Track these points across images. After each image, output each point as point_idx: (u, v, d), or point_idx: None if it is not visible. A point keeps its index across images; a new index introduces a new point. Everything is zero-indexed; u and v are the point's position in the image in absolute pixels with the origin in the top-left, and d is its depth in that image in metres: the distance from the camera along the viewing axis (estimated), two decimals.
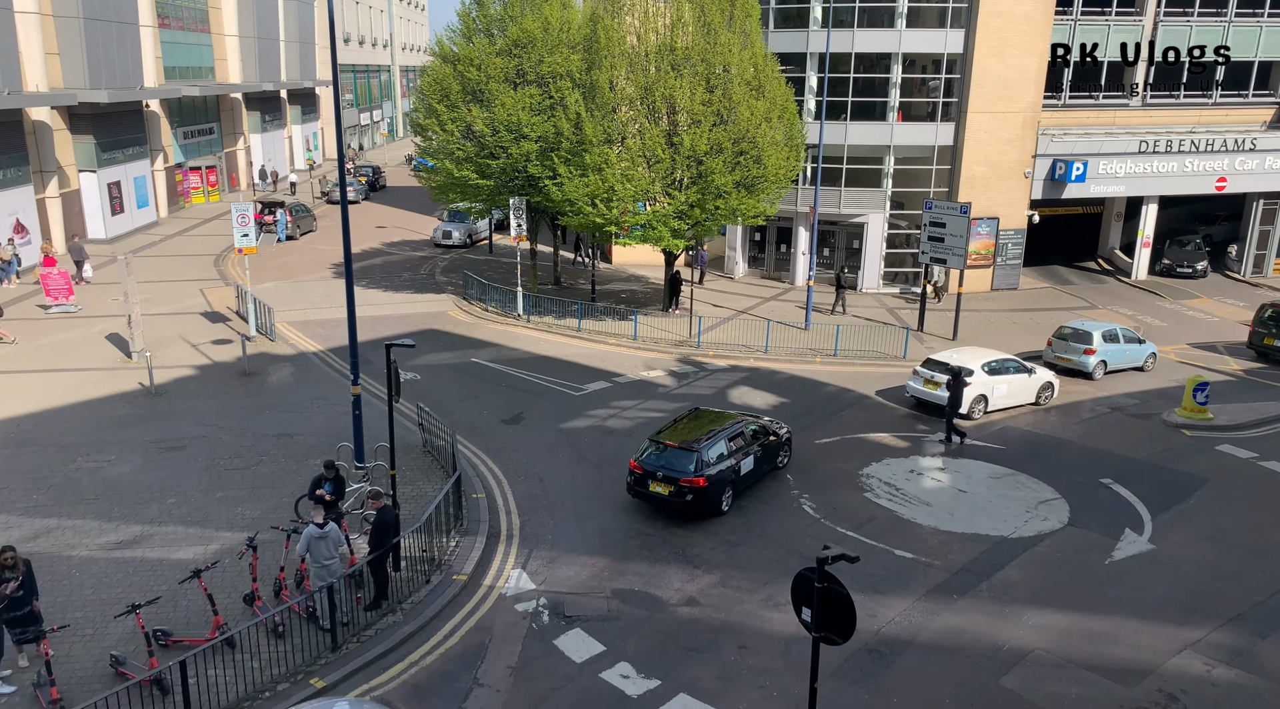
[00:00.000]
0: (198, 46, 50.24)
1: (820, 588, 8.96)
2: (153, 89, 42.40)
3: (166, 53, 46.04)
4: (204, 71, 51.09)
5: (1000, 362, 23.26)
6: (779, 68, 29.81)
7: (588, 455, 20.05)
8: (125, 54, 39.78)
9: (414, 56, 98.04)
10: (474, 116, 29.44)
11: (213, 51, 52.19)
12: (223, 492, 17.52)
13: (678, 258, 31.67)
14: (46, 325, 27.75)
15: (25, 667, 12.26)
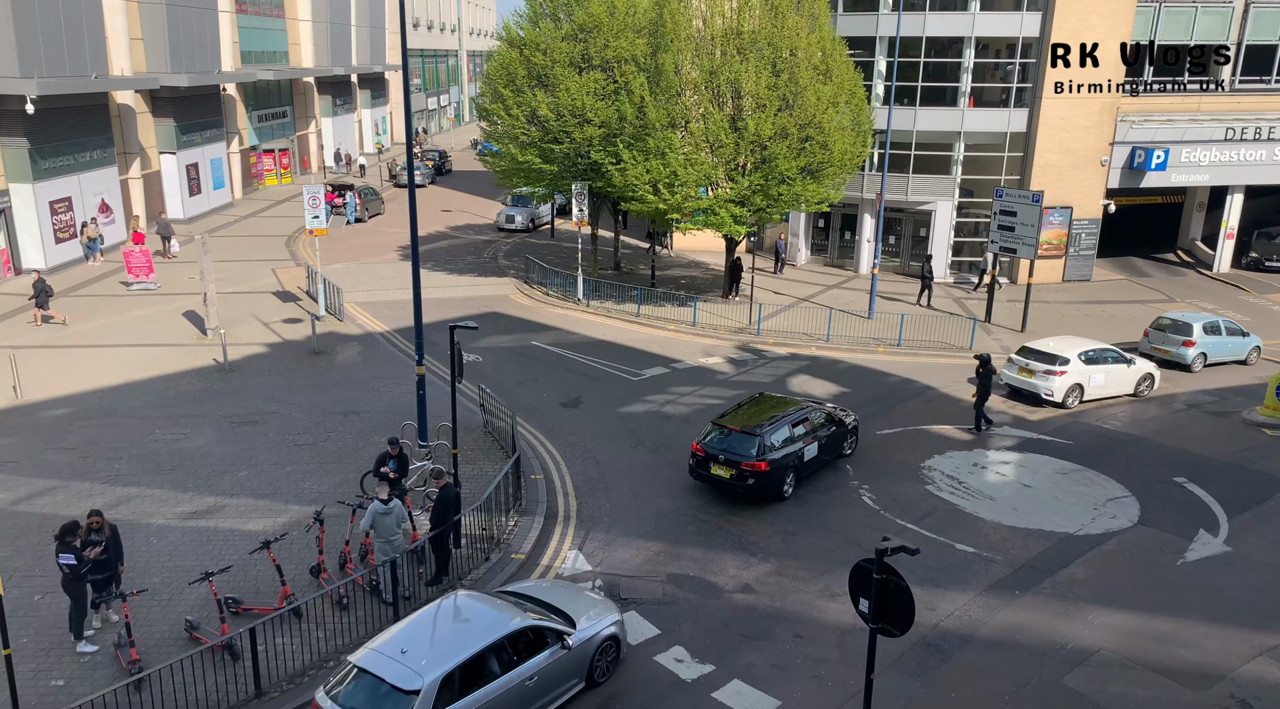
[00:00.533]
0: (272, 31, 51.43)
1: (879, 579, 8.88)
2: (229, 73, 43.58)
3: (243, 37, 47.24)
4: (278, 56, 52.31)
5: (1098, 351, 22.90)
6: (847, 52, 29.32)
7: (645, 440, 20.13)
8: (204, 39, 40.95)
9: (481, 41, 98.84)
10: (539, 101, 29.61)
11: (287, 36, 53.39)
12: (291, 466, 18.05)
13: (739, 244, 31.47)
14: (127, 302, 28.83)
15: (99, 628, 12.81)
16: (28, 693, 11.10)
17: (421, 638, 10.80)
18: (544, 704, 11.40)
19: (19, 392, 20.90)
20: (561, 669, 11.51)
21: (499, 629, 11.06)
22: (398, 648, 10.54)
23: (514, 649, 11.04)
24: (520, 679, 10.91)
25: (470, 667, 10.46)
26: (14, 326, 25.89)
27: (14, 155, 29.95)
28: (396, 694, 9.88)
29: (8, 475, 16.95)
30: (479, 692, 10.43)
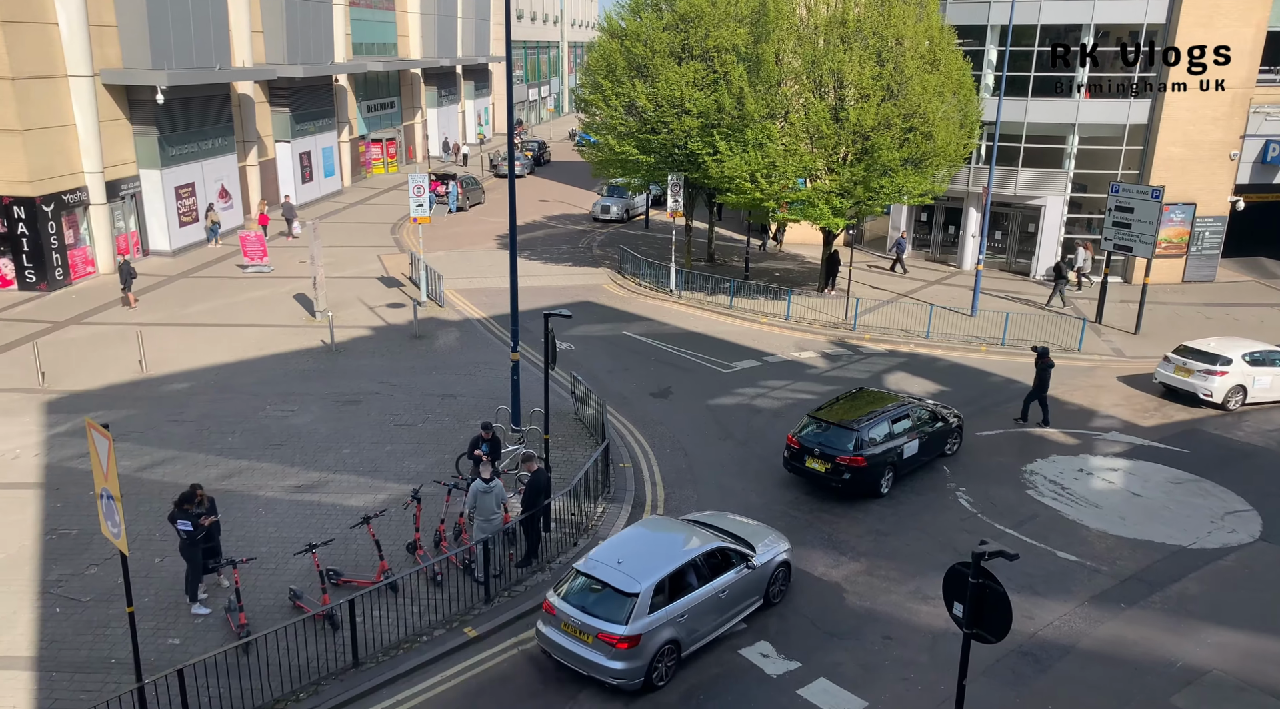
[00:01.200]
0: (382, 23, 53.02)
1: (975, 584, 8.62)
2: (341, 64, 45.16)
3: (355, 29, 48.86)
4: (387, 48, 53.90)
5: (1266, 353, 22.00)
6: (956, 41, 28.40)
7: (734, 433, 20.03)
8: (320, 31, 42.55)
9: (583, 32, 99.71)
10: (637, 92, 29.69)
11: (396, 28, 54.95)
12: (391, 445, 18.65)
13: (837, 237, 30.91)
14: (243, 284, 30.27)
15: (205, 596, 13.51)
16: (148, 649, 11.81)
17: (632, 552, 12.49)
18: (730, 616, 13.08)
19: (144, 366, 22.21)
20: (745, 587, 13.18)
21: (696, 548, 12.80)
22: (614, 558, 12.25)
23: (708, 566, 12.72)
24: (714, 592, 12.63)
25: (675, 578, 12.21)
26: (135, 307, 27.46)
27: (145, 143, 31.75)
28: (618, 596, 11.76)
29: (132, 444, 18.03)
30: (682, 600, 12.18)
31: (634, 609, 11.58)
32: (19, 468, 17.13)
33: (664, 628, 11.84)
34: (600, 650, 11.54)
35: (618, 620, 11.54)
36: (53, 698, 11.28)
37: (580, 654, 11.69)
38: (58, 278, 28.36)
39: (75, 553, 14.41)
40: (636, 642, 11.48)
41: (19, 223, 27.49)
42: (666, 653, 11.92)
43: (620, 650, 11.43)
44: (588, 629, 11.65)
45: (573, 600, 12.02)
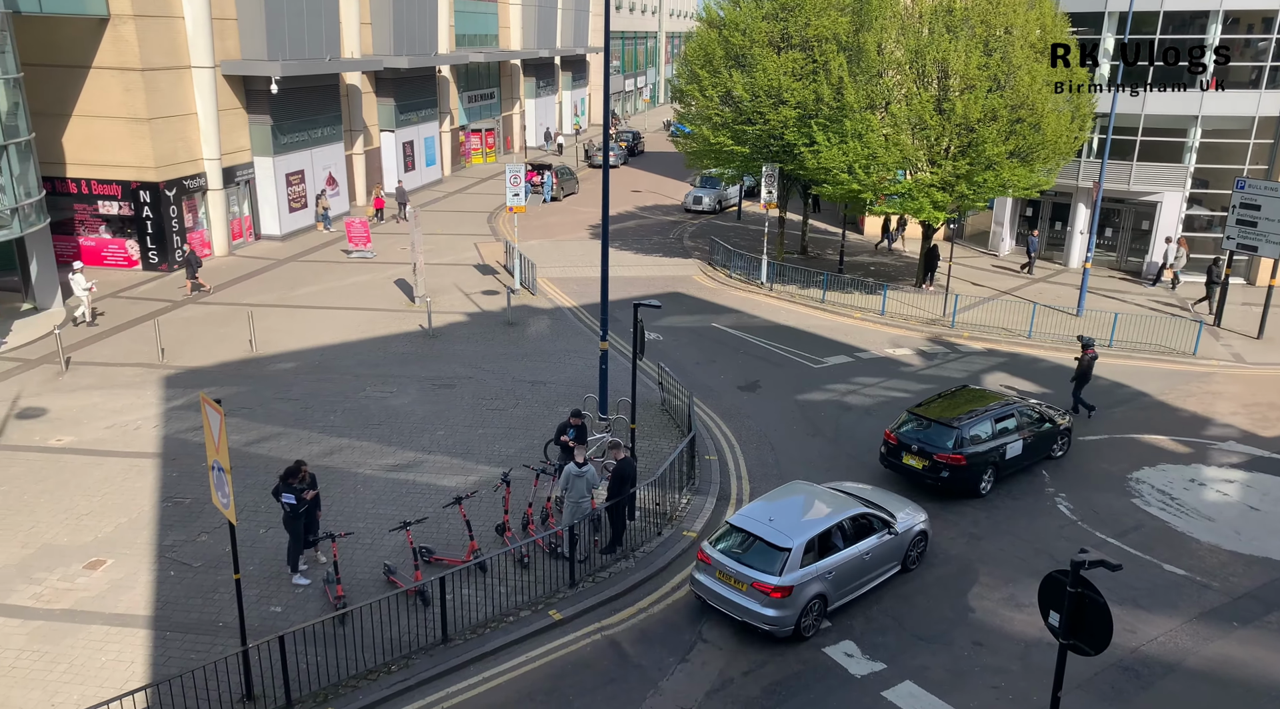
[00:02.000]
0: (485, 15, 54.01)
1: (1073, 593, 8.30)
2: (445, 55, 46.21)
3: (458, 21, 49.92)
4: (489, 39, 54.90)
5: None
6: (1069, 29, 27.22)
7: (823, 429, 19.75)
8: (424, 23, 43.63)
9: (681, 22, 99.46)
10: (734, 82, 29.46)
11: (498, 19, 55.91)
12: (483, 428, 19.08)
13: (936, 231, 30.09)
14: (347, 268, 31.37)
15: (305, 568, 14.09)
16: (251, 615, 12.41)
17: (782, 512, 13.40)
18: (870, 578, 13.77)
19: (254, 345, 23.27)
20: (886, 552, 13.89)
21: (842, 511, 13.54)
22: (765, 517, 13.19)
23: (853, 529, 13.49)
24: (859, 554, 13.39)
25: (823, 537, 13.03)
26: (246, 289, 28.76)
27: (259, 131, 33.18)
28: (772, 550, 12.65)
29: (241, 419, 18.94)
30: (829, 558, 12.99)
31: (787, 562, 12.48)
32: (140, 438, 18.20)
33: (813, 582, 12.68)
34: (754, 598, 12.49)
35: (772, 572, 12.46)
36: (166, 656, 11.97)
37: (735, 600, 12.66)
38: (177, 259, 29.95)
39: (188, 520, 15.24)
40: (789, 592, 12.38)
41: (144, 207, 29.13)
42: (814, 606, 12.76)
43: (774, 599, 12.37)
44: (743, 578, 12.58)
45: (727, 551, 12.97)
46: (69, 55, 27.89)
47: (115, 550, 14.31)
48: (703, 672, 12.17)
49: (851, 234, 37.57)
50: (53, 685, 11.41)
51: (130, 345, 23.27)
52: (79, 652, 12.02)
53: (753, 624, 12.55)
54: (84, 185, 29.26)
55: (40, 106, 27.06)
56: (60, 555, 14.15)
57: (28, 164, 23.68)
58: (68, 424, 18.70)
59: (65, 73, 28.07)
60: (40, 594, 13.18)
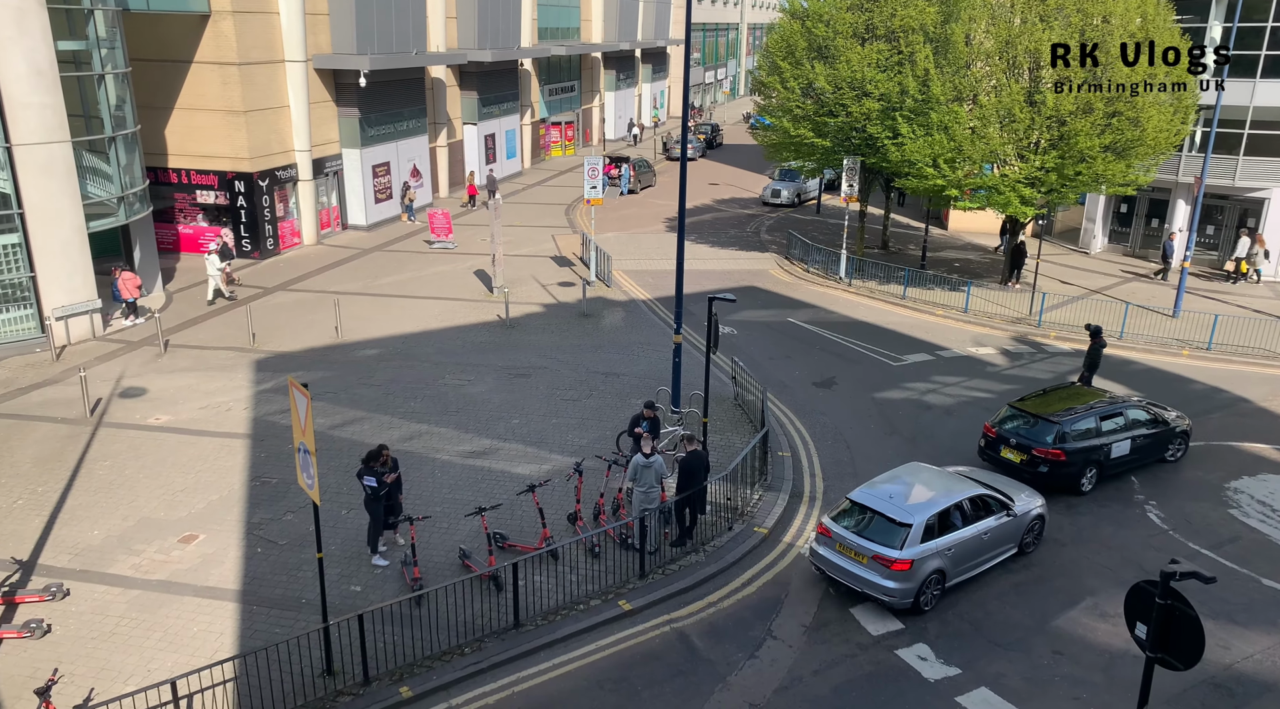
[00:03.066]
0: (567, 8, 54.36)
1: (1162, 605, 7.97)
2: (527, 49, 46.71)
3: (541, 14, 50.38)
4: (571, 32, 55.25)
5: None
6: (1173, 17, 26.00)
7: (900, 428, 19.38)
8: (508, 17, 44.18)
9: (763, 14, 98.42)
10: (816, 73, 29.03)
11: (579, 12, 56.22)
12: (557, 418, 19.29)
13: (1024, 227, 29.15)
14: (429, 258, 32.05)
15: (384, 549, 14.48)
16: (332, 594, 12.83)
17: (902, 490, 13.86)
18: (988, 558, 14.09)
19: (340, 331, 23.99)
20: (1003, 533, 14.18)
21: (962, 492, 13.94)
22: (885, 495, 13.65)
23: (972, 509, 13.85)
24: (977, 533, 13.72)
25: (943, 515, 13.41)
26: (332, 277, 29.64)
27: (348, 123, 34.13)
28: (893, 525, 13.11)
29: (327, 404, 19.56)
30: (949, 536, 13.37)
31: (908, 537, 12.95)
32: (231, 419, 18.96)
33: (932, 558, 13.08)
34: (875, 571, 12.94)
35: (893, 546, 12.91)
36: (253, 629, 12.48)
37: (856, 572, 13.13)
38: (269, 247, 31.04)
39: (274, 500, 15.83)
40: (909, 566, 12.83)
41: (239, 196, 30.27)
42: (933, 581, 13.18)
43: (894, 572, 12.82)
44: (863, 551, 13.08)
45: (848, 526, 13.48)
46: (172, 50, 29.13)
47: (207, 526, 14.97)
48: (771, 669, 12.10)
49: (935, 229, 36.70)
50: (149, 652, 12.00)
51: (224, 330, 24.24)
52: (173, 621, 12.61)
53: (872, 595, 13.03)
54: (183, 175, 30.56)
55: (144, 99, 28.33)
56: (157, 529, 14.86)
57: (133, 155, 24.85)
58: (165, 404, 19.59)
59: (168, 67, 29.33)
60: (139, 565, 13.87)
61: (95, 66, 23.34)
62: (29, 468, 16.70)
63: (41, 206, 21.79)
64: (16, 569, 13.60)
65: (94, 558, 13.99)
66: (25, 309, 22.32)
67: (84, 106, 23.79)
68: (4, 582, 13.26)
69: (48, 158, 21.67)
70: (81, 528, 14.80)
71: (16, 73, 20.79)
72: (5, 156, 21.13)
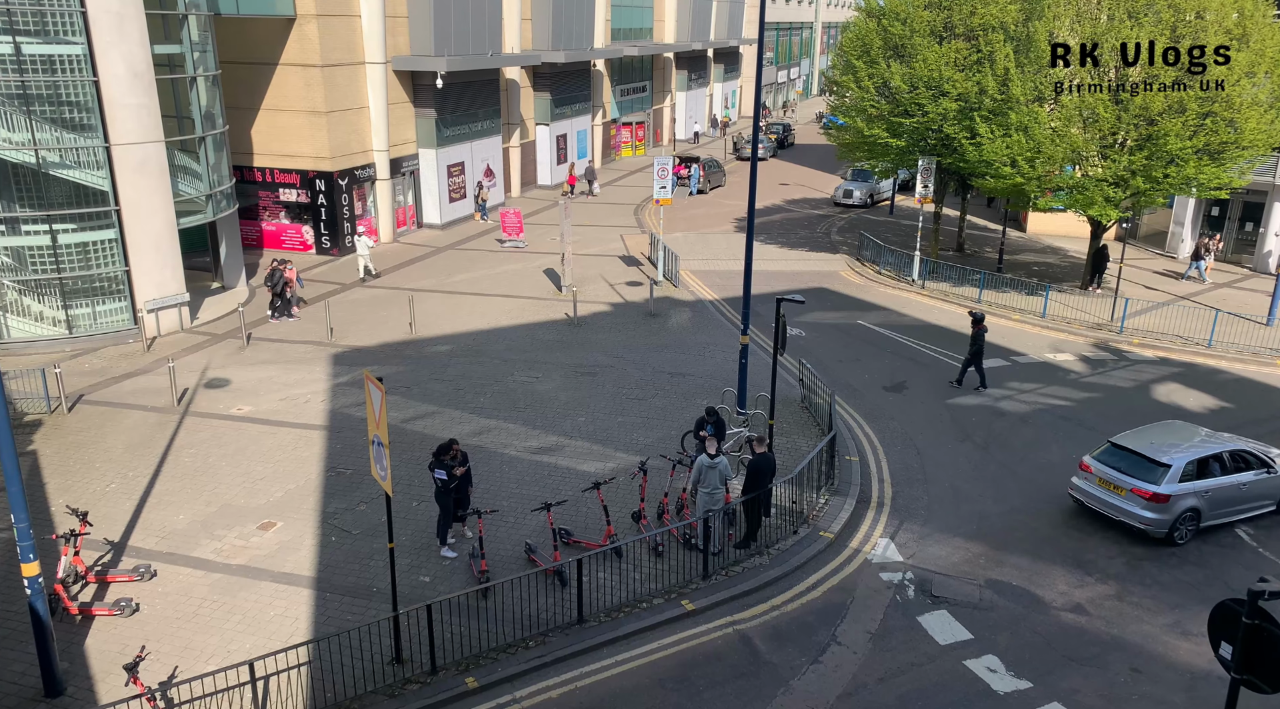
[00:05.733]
0: (640, 8, 54.53)
1: (1249, 624, 7.65)
2: (600, 49, 47.01)
3: (615, 15, 50.64)
4: (643, 33, 55.40)
5: None
6: (1273, 11, 24.85)
7: (973, 435, 18.96)
8: (582, 18, 44.53)
9: (838, 12, 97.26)
10: (892, 73, 28.57)
11: (653, 13, 56.34)
12: (623, 417, 19.40)
13: (1107, 230, 28.21)
14: (500, 257, 32.52)
15: (453, 541, 14.76)
16: (403, 583, 13.13)
17: (1161, 437, 15.47)
18: (1244, 509, 15.36)
19: (413, 327, 24.53)
20: (1261, 489, 15.32)
21: (1221, 445, 15.31)
22: (1146, 441, 15.27)
23: (1230, 461, 15.10)
24: (1234, 483, 15.02)
25: (1202, 462, 14.87)
26: (407, 274, 30.30)
27: (425, 124, 34.85)
28: (1152, 464, 14.76)
29: (400, 398, 20.02)
30: (1205, 481, 14.79)
31: (1166, 476, 14.48)
32: (309, 411, 19.56)
33: (1188, 497, 14.55)
34: (1133, 502, 14.67)
35: (1151, 481, 14.53)
36: (326, 615, 12.86)
37: (1114, 503, 14.96)
38: (347, 245, 31.90)
39: (349, 490, 16.27)
40: (1165, 500, 14.39)
41: (319, 195, 31.19)
42: (1188, 518, 14.67)
43: (1151, 504, 14.48)
44: (1122, 484, 14.82)
45: (1109, 463, 15.18)
46: (258, 53, 30.17)
47: (285, 514, 15.47)
48: (835, 675, 11.98)
49: (1013, 231, 35.78)
50: (229, 633, 12.47)
51: (302, 324, 25.00)
52: (251, 605, 13.08)
53: (1130, 524, 14.70)
54: (267, 174, 31.62)
55: (231, 100, 29.38)
56: (238, 515, 15.43)
57: (221, 154, 25.82)
58: (247, 395, 20.32)
59: (255, 69, 30.38)
60: (220, 549, 14.42)
61: (188, 69, 24.32)
62: (121, 453, 17.50)
63: (136, 203, 22.80)
64: (109, 550, 14.27)
65: (179, 541, 14.59)
66: (120, 301, 23.37)
67: (176, 107, 24.82)
68: (97, 561, 13.94)
69: (143, 157, 22.66)
70: (168, 512, 15.45)
71: (115, 75, 21.79)
72: (104, 155, 22.17)
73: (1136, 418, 19.64)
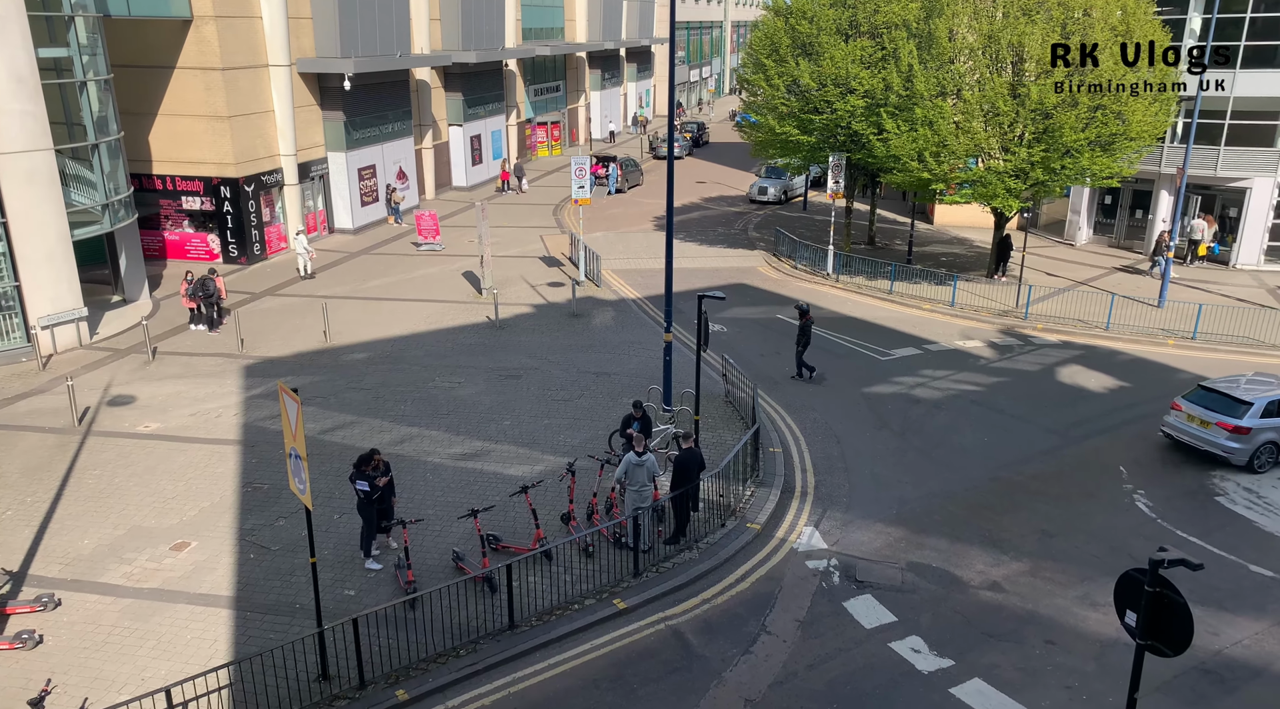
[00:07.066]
0: (551, 8, 54.29)
1: (1151, 592, 8.05)
2: (512, 49, 46.66)
3: (525, 15, 50.31)
4: (555, 32, 55.18)
5: None
6: (1153, 9, 26.20)
7: (890, 422, 19.48)
8: (492, 17, 44.11)
9: (747, 11, 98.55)
10: (801, 70, 29.12)
11: (563, 12, 56.16)
12: (549, 419, 19.30)
13: (1009, 220, 29.32)
14: (416, 261, 31.98)
15: (377, 553, 14.47)
16: (327, 598, 12.80)
17: (1249, 382, 17.85)
18: None
19: (328, 335, 23.93)
20: None
21: None
22: (1233, 383, 17.73)
23: None
24: None
25: (1274, 403, 17.04)
26: (320, 281, 29.55)
27: (333, 127, 34.02)
28: (1236, 402, 17.13)
29: (317, 408, 19.51)
30: None
31: (1249, 412, 16.84)
32: (222, 425, 18.90)
33: (1267, 432, 16.85)
34: (1218, 434, 17.01)
35: (1234, 416, 16.89)
36: (247, 635, 12.45)
37: (1201, 435, 17.29)
38: (255, 252, 30.92)
39: (266, 505, 15.79)
40: (1247, 432, 16.81)
41: (225, 202, 30.14)
42: (1266, 449, 16.97)
43: (1234, 435, 16.86)
44: (1209, 419, 17.16)
45: (1197, 402, 17.57)
46: (154, 56, 28.98)
47: (199, 533, 14.92)
48: (766, 664, 12.16)
49: (921, 224, 36.87)
50: (142, 660, 11.96)
51: (212, 336, 24.13)
52: (166, 629, 12.57)
53: (1214, 453, 17.02)
54: (168, 181, 30.40)
55: (128, 106, 28.18)
56: (148, 537, 14.81)
57: (117, 161, 24.71)
58: (154, 411, 19.52)
59: (151, 73, 29.17)
60: (131, 573, 13.82)
61: (77, 73, 23.20)
62: (17, 478, 16.61)
63: (25, 215, 21.66)
64: (7, 580, 13.53)
65: (85, 567, 13.94)
66: (10, 318, 22.18)
67: (66, 114, 23.62)
68: None
69: (30, 166, 21.54)
70: (72, 537, 14.73)
71: None
72: None
73: (1044, 400, 20.50)
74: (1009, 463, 17.65)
